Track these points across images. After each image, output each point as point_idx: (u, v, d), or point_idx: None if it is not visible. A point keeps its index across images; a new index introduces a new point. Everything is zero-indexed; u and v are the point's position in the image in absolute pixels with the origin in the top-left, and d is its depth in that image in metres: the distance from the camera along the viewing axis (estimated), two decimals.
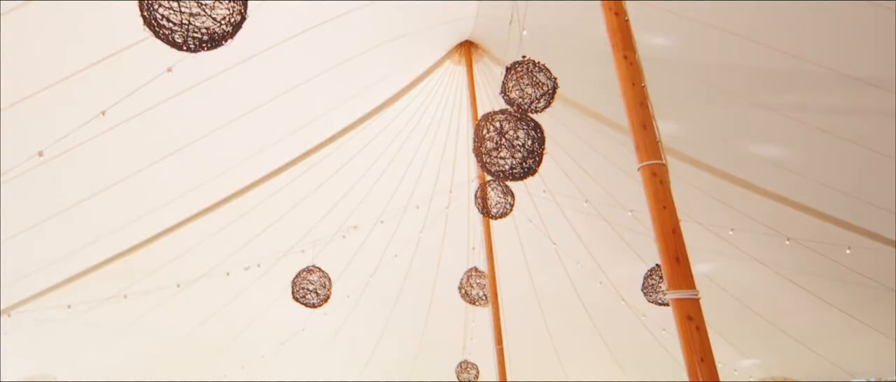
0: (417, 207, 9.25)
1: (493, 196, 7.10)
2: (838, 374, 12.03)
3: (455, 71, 8.85)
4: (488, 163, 5.56)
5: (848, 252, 7.47)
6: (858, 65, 5.37)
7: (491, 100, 8.66)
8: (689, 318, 2.54)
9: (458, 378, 12.29)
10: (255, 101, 6.71)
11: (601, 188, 8.68)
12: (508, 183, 6.90)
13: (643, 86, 2.97)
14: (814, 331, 10.71)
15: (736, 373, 12.79)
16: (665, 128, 7.72)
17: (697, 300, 2.55)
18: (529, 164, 5.55)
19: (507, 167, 5.62)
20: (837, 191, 7.02)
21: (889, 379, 11.82)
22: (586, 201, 8.57)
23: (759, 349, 12.01)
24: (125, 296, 7.64)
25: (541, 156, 5.53)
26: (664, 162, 2.81)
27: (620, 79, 3.12)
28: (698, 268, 8.45)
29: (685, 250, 2.64)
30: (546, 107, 4.71)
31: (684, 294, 2.56)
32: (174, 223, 7.52)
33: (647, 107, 2.91)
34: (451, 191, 9.40)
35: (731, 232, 7.98)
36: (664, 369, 13.34)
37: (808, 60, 5.63)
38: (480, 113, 8.56)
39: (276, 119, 7.22)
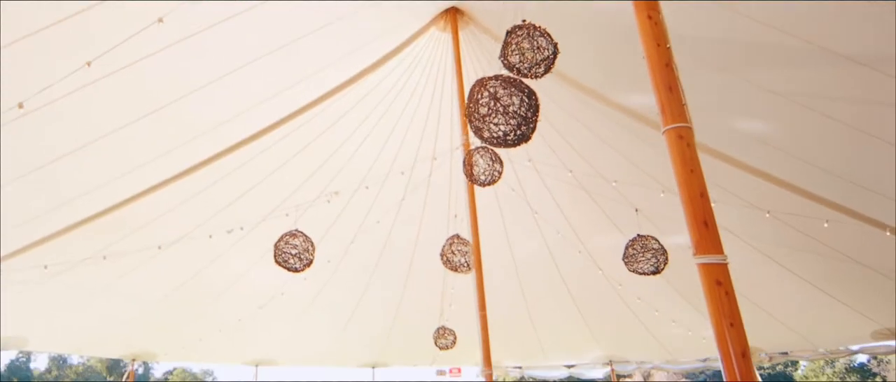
0: (402, 173, 9.12)
1: (481, 163, 7.00)
2: (804, 345, 12.35)
3: (440, 38, 8.67)
4: (481, 129, 5.45)
5: (825, 225, 7.57)
6: (846, 42, 5.36)
7: (476, 68, 8.52)
8: (719, 283, 2.48)
9: (435, 343, 12.32)
10: (238, 61, 6.50)
11: (584, 160, 8.64)
12: (497, 150, 6.81)
13: (668, 47, 2.87)
14: (783, 304, 10.93)
15: (704, 341, 13.04)
16: (647, 101, 7.71)
17: (726, 264, 2.50)
18: (523, 131, 5.46)
19: (500, 133, 5.52)
20: (818, 167, 7.07)
21: (852, 347, 12.16)
22: (570, 171, 8.52)
23: None
24: (104, 257, 7.40)
25: (534, 123, 5.45)
26: (690, 125, 2.73)
27: (644, 39, 3.02)
28: (675, 240, 8.55)
29: (713, 214, 2.58)
30: (546, 72, 4.60)
31: (713, 259, 2.50)
32: (155, 183, 7.27)
33: (672, 68, 2.82)
34: (433, 159, 9.28)
35: (712, 205, 7.97)
36: (636, 338, 13.56)
37: (793, 35, 5.60)
38: (466, 81, 8.43)
39: (260, 80, 7.01)
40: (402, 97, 8.82)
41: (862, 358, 47.19)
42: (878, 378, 48.34)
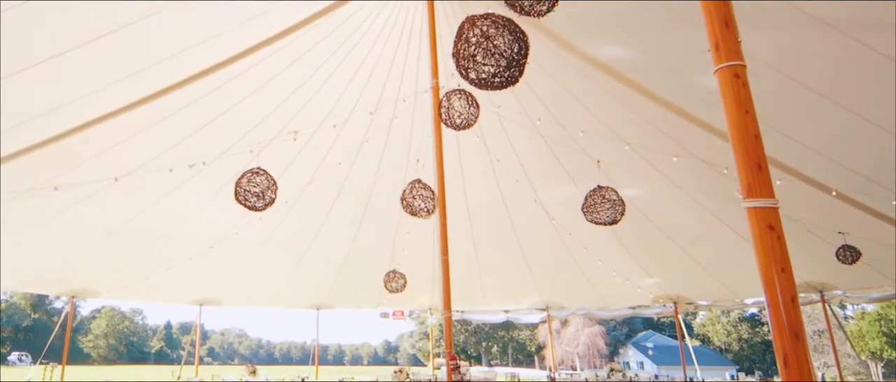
0: (371, 113, 8.69)
1: (458, 106, 6.68)
2: (728, 295, 12.86)
3: None
4: (468, 69, 5.15)
5: (778, 183, 7.69)
6: (828, 8, 5.26)
7: (451, 9, 8.09)
8: (771, 228, 2.31)
9: (385, 286, 12.13)
10: None
11: (548, 110, 8.44)
12: (475, 94, 6.52)
13: None
14: (716, 257, 11.28)
15: (639, 290, 13.38)
16: (614, 53, 7.52)
17: (777, 209, 2.32)
18: (511, 73, 5.20)
19: (487, 74, 5.24)
20: (773, 128, 7.10)
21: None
22: (539, 119, 8.32)
23: (663, 270, 12.55)
24: (56, 188, 6.72)
25: (523, 66, 5.18)
26: (745, 63, 2.51)
27: None
28: (626, 193, 8.52)
29: (765, 157, 2.38)
30: (549, 10, 4.30)
31: (765, 202, 2.32)
32: (109, 110, 6.60)
33: (730, 2, 2.59)
34: (402, 101, 8.88)
35: (675, 160, 7.98)
36: (575, 286, 13.78)
37: None
38: (438, 25, 8.02)
39: (224, 8, 6.38)
40: (369, 37, 8.32)
41: (753, 309, 50.44)
42: (765, 327, 52.00)
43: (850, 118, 6.42)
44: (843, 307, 40.17)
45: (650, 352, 53.36)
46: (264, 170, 7.44)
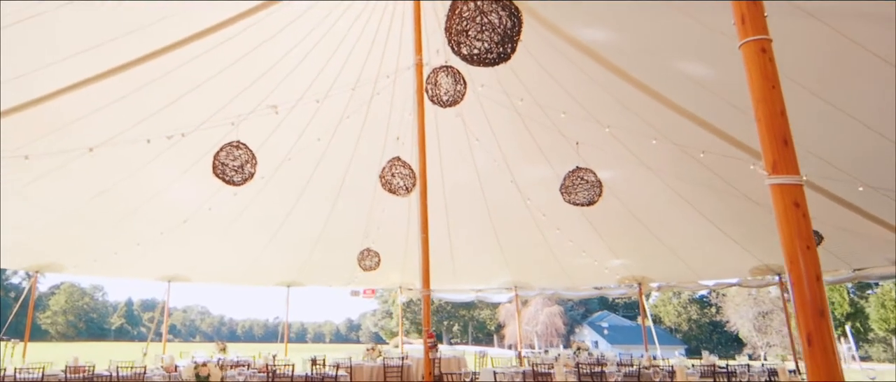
0: (353, 89, 8.45)
1: (444, 83, 6.53)
2: (691, 277, 13.07)
3: None
4: (460, 44, 5.02)
5: (752, 167, 7.75)
6: None
7: None
8: (796, 205, 2.23)
9: (359, 264, 11.96)
10: None
11: (528, 92, 8.34)
12: (462, 71, 6.38)
13: None
14: (682, 240, 11.42)
15: (606, 271, 13.50)
16: (594, 35, 7.43)
17: (802, 185, 2.25)
18: (504, 49, 5.09)
19: (479, 50, 5.12)
20: (743, 111, 7.10)
21: (731, 281, 13.01)
22: (521, 99, 8.22)
23: (630, 251, 12.68)
24: (26, 157, 6.33)
25: (516, 42, 5.07)
26: (771, 37, 2.42)
27: None
28: (601, 175, 8.50)
29: (791, 133, 2.31)
30: None
31: (790, 179, 2.24)
32: (83, 78, 6.24)
33: None
34: (386, 77, 8.66)
35: (654, 142, 7.97)
36: (544, 266, 13.83)
37: None
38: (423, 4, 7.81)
39: None
40: (352, 12, 8.07)
41: (703, 291, 51.88)
42: (713, 308, 53.58)
43: (823, 106, 6.47)
44: (787, 290, 41.59)
45: (605, 332, 54.46)
46: (244, 144, 7.18)
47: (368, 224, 12.01)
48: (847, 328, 34.34)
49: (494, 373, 9.08)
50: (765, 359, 41.62)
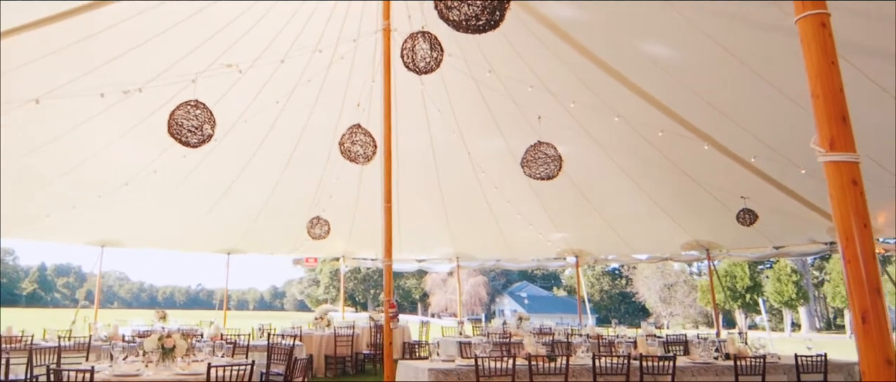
0: (320, 51, 7.93)
1: (420, 50, 6.20)
2: (626, 251, 13.39)
3: None
4: (449, 9, 4.77)
5: (706, 148, 7.88)
6: None
7: None
8: (854, 183, 2.14)
9: (308, 232, 11.51)
10: None
11: (487, 61, 8.10)
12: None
13: None
14: (623, 216, 11.60)
15: (549, 244, 13.61)
16: (563, 12, 7.26)
17: (859, 163, 2.15)
18: (494, 16, 4.87)
19: (467, 15, 4.88)
20: (701, 97, 7.17)
21: (663, 256, 13.41)
22: (490, 71, 7.97)
23: (572, 225, 12.81)
24: None
25: (506, 9, 4.86)
26: (830, 12, 2.29)
27: None
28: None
29: (848, 110, 2.20)
30: None
31: (848, 157, 2.14)
32: (22, 23, 5.50)
33: None
34: (341, 42, 8.17)
35: (616, 120, 7.94)
36: (488, 238, 13.79)
37: None
38: None
39: None
40: None
41: (615, 265, 53.91)
42: (623, 280, 55.98)
43: (768, 89, 6.54)
44: (690, 264, 43.84)
45: (525, 301, 55.91)
46: (203, 103, 6.60)
47: (319, 192, 11.51)
48: (759, 299, 36.72)
49: (460, 344, 8.98)
50: (668, 327, 43.92)
